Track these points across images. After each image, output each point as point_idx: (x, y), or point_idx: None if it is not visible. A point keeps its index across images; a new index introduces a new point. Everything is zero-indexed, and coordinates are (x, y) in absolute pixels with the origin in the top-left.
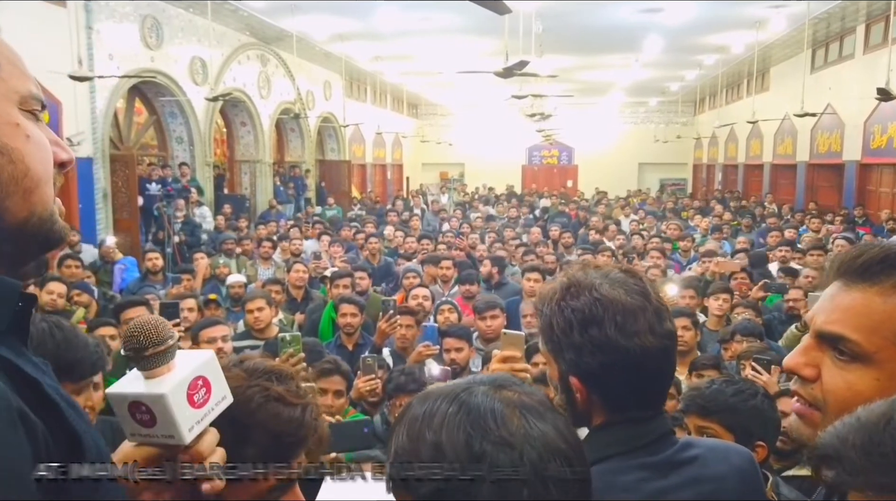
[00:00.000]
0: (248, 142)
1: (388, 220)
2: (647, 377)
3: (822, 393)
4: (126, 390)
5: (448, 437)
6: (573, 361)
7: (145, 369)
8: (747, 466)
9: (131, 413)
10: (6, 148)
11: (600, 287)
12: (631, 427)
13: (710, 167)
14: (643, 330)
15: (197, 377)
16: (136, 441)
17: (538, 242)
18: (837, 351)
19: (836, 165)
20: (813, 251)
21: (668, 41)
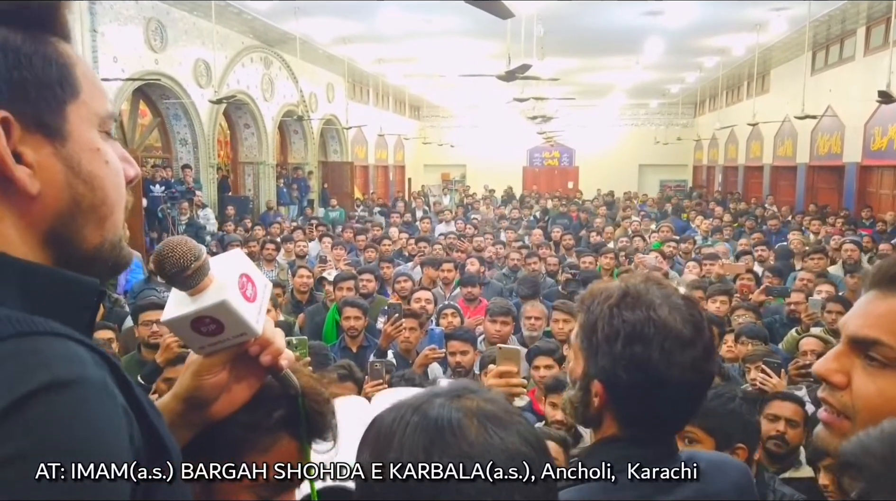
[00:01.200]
0: (251, 144)
1: (392, 221)
2: (671, 408)
3: (852, 400)
4: (184, 311)
5: (408, 455)
6: (605, 369)
7: (190, 286)
8: (744, 481)
9: (195, 330)
10: (89, 176)
11: (659, 308)
12: (642, 446)
13: (710, 169)
14: (686, 364)
15: (240, 274)
16: (205, 352)
17: (540, 243)
18: (869, 358)
19: (836, 167)
20: (813, 255)
21: (668, 43)
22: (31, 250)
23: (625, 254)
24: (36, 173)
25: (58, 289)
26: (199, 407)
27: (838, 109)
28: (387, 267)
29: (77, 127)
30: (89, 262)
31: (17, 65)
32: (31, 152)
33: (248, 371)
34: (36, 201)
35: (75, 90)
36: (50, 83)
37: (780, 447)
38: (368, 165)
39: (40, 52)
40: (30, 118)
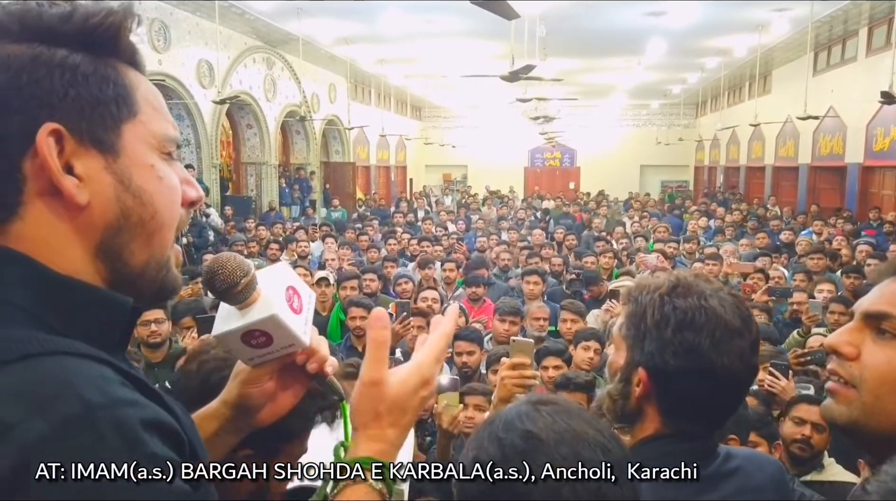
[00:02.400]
0: (253, 144)
1: (395, 222)
2: (716, 399)
3: (860, 370)
4: (235, 325)
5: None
6: (652, 354)
7: (240, 301)
8: (780, 475)
9: (245, 342)
10: (138, 190)
11: (710, 298)
12: (686, 441)
13: (711, 169)
14: (734, 354)
15: (287, 287)
16: (254, 363)
17: (542, 244)
18: (880, 331)
19: (838, 168)
20: (814, 255)
21: (670, 44)
22: (81, 260)
23: (626, 254)
24: (85, 185)
25: (88, 305)
26: (247, 414)
27: (840, 109)
28: (391, 266)
29: (131, 144)
30: (135, 279)
31: (74, 83)
32: (81, 165)
33: (293, 379)
34: (85, 211)
35: (133, 110)
36: (105, 101)
37: (804, 450)
38: (370, 166)
39: (98, 73)
40: (84, 133)
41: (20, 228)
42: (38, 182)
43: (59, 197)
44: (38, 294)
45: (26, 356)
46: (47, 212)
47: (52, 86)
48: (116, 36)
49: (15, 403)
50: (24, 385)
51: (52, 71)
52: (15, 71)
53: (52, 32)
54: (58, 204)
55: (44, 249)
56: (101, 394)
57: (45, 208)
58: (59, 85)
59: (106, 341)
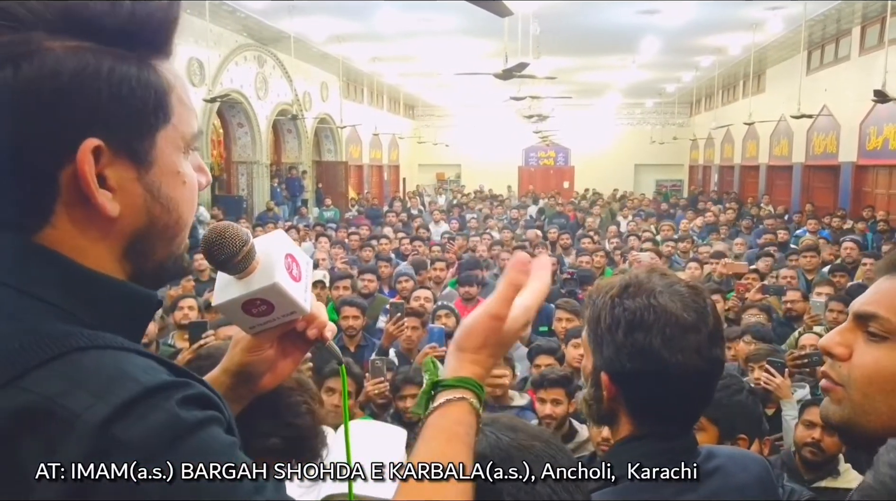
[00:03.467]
0: (245, 143)
1: (387, 221)
2: (679, 396)
3: (849, 370)
4: (236, 295)
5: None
6: (609, 359)
7: (239, 271)
8: (764, 474)
9: (246, 311)
10: (167, 199)
11: (659, 295)
12: (660, 442)
13: (706, 168)
14: (690, 349)
15: (285, 255)
16: (254, 332)
17: (537, 243)
18: (870, 333)
19: (831, 167)
20: (806, 253)
21: (664, 43)
22: (108, 261)
23: (620, 253)
24: (117, 196)
25: (118, 300)
26: (248, 382)
27: (834, 108)
28: (384, 266)
29: (163, 152)
30: (157, 273)
31: (120, 97)
32: (114, 176)
33: (292, 346)
34: (116, 221)
35: (168, 116)
36: (146, 112)
37: (816, 454)
38: (363, 165)
39: (143, 80)
40: (121, 144)
41: (51, 233)
42: (70, 193)
43: (91, 207)
44: (69, 291)
45: (77, 349)
46: (78, 221)
47: (99, 100)
48: (167, 32)
49: (76, 392)
50: (80, 375)
51: (100, 83)
52: (65, 80)
53: (98, 27)
54: (89, 214)
55: (74, 252)
56: (154, 378)
57: (77, 217)
58: (107, 99)
59: (134, 334)
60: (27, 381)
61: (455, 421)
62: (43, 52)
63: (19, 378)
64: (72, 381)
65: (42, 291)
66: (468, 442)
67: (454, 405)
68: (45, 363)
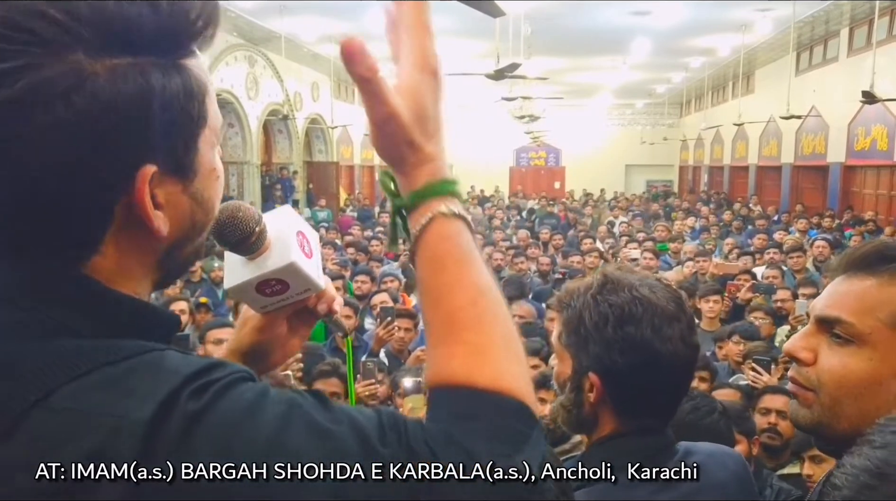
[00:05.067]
0: (235, 143)
1: (380, 221)
2: (667, 386)
3: (817, 374)
4: (250, 276)
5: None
6: (599, 357)
7: (252, 251)
8: (742, 471)
9: (260, 292)
10: (208, 202)
11: (640, 288)
12: (642, 439)
13: (696, 169)
14: (676, 337)
15: (297, 232)
16: (267, 311)
17: (528, 244)
18: (834, 336)
19: (820, 167)
20: (793, 253)
21: (655, 44)
22: (144, 277)
23: (612, 253)
24: (166, 213)
25: (149, 327)
26: (259, 362)
27: (822, 109)
28: (376, 266)
29: (204, 156)
30: (183, 268)
31: (172, 119)
32: (163, 194)
33: (300, 321)
34: (163, 237)
35: (205, 119)
36: (190, 124)
37: (774, 439)
38: (354, 165)
39: (188, 91)
40: (169, 163)
41: (98, 261)
42: (123, 220)
43: (138, 228)
44: (102, 322)
45: (107, 364)
46: (126, 245)
47: (154, 125)
48: (208, 26)
49: (120, 399)
50: (119, 384)
51: (154, 106)
52: (122, 110)
53: (137, 35)
54: (138, 236)
55: (115, 276)
56: (194, 363)
57: (125, 242)
58: (161, 122)
59: None
60: (58, 397)
61: (465, 242)
62: (91, 79)
63: (49, 396)
64: (110, 391)
65: (74, 321)
66: (474, 267)
67: (439, 224)
68: (76, 379)
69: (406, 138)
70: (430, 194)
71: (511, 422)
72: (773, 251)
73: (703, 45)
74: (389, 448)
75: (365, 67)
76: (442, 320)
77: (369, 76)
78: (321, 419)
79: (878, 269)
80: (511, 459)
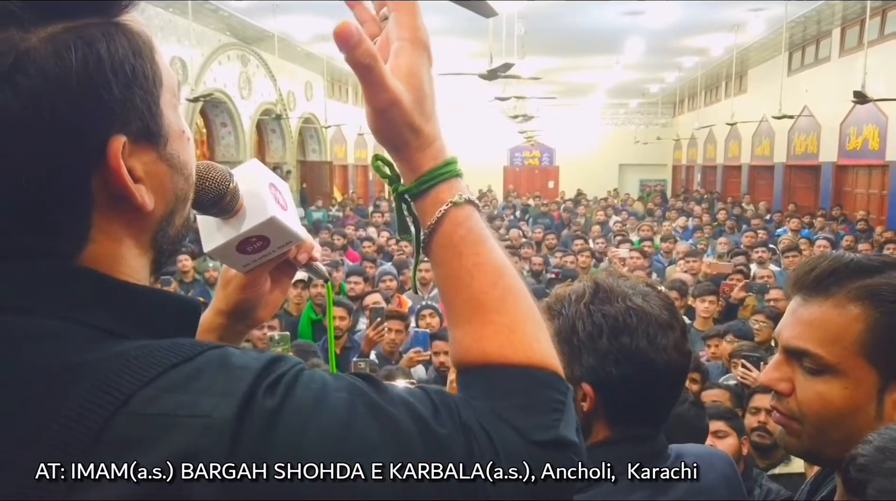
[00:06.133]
0: (228, 143)
1: (373, 221)
2: (661, 394)
3: (798, 405)
4: (230, 236)
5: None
6: (593, 367)
7: (228, 211)
8: (731, 472)
9: (241, 251)
10: (185, 167)
11: (633, 297)
12: (636, 445)
13: (689, 168)
14: (670, 346)
15: (269, 185)
16: (249, 269)
17: (521, 243)
18: (805, 365)
19: (812, 167)
20: (788, 253)
21: (649, 43)
22: (141, 261)
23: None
24: (147, 185)
25: (170, 315)
26: (245, 319)
27: (814, 109)
28: (370, 267)
29: (169, 118)
30: (175, 246)
31: (127, 81)
32: (140, 165)
33: (280, 273)
34: (151, 213)
35: (161, 79)
36: (148, 85)
37: (764, 437)
38: (348, 165)
39: (136, 50)
40: (140, 131)
41: (91, 250)
42: (102, 198)
43: (124, 206)
44: (121, 314)
45: (172, 366)
46: (115, 227)
47: (112, 93)
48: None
49: (199, 397)
50: (193, 383)
51: (107, 73)
52: (74, 84)
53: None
54: (123, 214)
55: (114, 264)
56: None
57: (113, 223)
58: (118, 89)
59: None
60: (137, 403)
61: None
62: (30, 54)
63: (128, 402)
64: (187, 391)
65: (96, 319)
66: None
67: (454, 212)
68: (148, 384)
69: (408, 122)
70: (438, 178)
71: (550, 393)
72: (761, 250)
73: (696, 44)
74: (445, 428)
75: (362, 53)
76: (465, 302)
77: (368, 62)
78: (381, 401)
79: (832, 291)
80: (555, 430)
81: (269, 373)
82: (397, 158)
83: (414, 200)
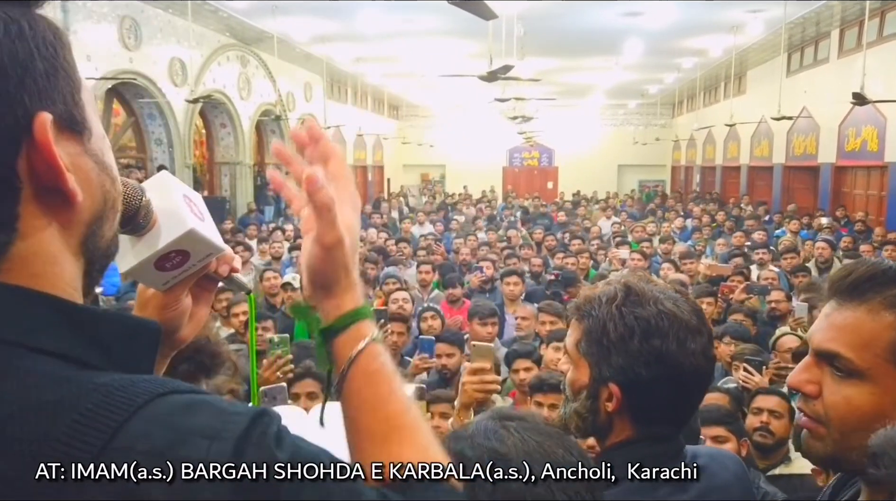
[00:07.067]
0: (227, 143)
1: (372, 222)
2: (687, 397)
3: (824, 409)
4: (148, 253)
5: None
6: (622, 368)
7: (142, 228)
8: (741, 472)
9: (160, 268)
10: (109, 167)
11: (664, 301)
12: (657, 444)
13: (688, 169)
14: (698, 351)
15: (183, 196)
16: (169, 286)
17: (519, 244)
18: (834, 368)
19: (811, 168)
20: (786, 254)
21: (648, 44)
22: (74, 268)
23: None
24: (75, 177)
25: (129, 336)
26: (169, 340)
27: (813, 110)
28: (370, 268)
29: (89, 114)
30: (105, 258)
31: (51, 61)
32: (66, 156)
33: (200, 288)
34: (79, 210)
35: (80, 77)
36: (73, 74)
37: (766, 437)
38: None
39: (60, 38)
40: (63, 116)
41: (23, 248)
42: (29, 186)
43: (52, 198)
44: (74, 335)
45: (159, 396)
46: (44, 222)
47: (35, 69)
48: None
49: (188, 438)
50: (180, 420)
51: (29, 47)
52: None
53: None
54: (51, 207)
55: (49, 266)
56: (248, 408)
57: (41, 216)
58: (42, 65)
59: (149, 367)
60: (122, 440)
61: (389, 361)
62: None
63: (111, 440)
64: (176, 428)
65: (47, 342)
66: (400, 383)
67: (370, 350)
68: (133, 415)
69: (344, 264)
70: (359, 317)
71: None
72: (762, 252)
73: (695, 45)
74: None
75: (324, 195)
76: (381, 423)
77: (329, 203)
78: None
79: (868, 296)
80: None
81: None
82: (325, 296)
83: (335, 335)
